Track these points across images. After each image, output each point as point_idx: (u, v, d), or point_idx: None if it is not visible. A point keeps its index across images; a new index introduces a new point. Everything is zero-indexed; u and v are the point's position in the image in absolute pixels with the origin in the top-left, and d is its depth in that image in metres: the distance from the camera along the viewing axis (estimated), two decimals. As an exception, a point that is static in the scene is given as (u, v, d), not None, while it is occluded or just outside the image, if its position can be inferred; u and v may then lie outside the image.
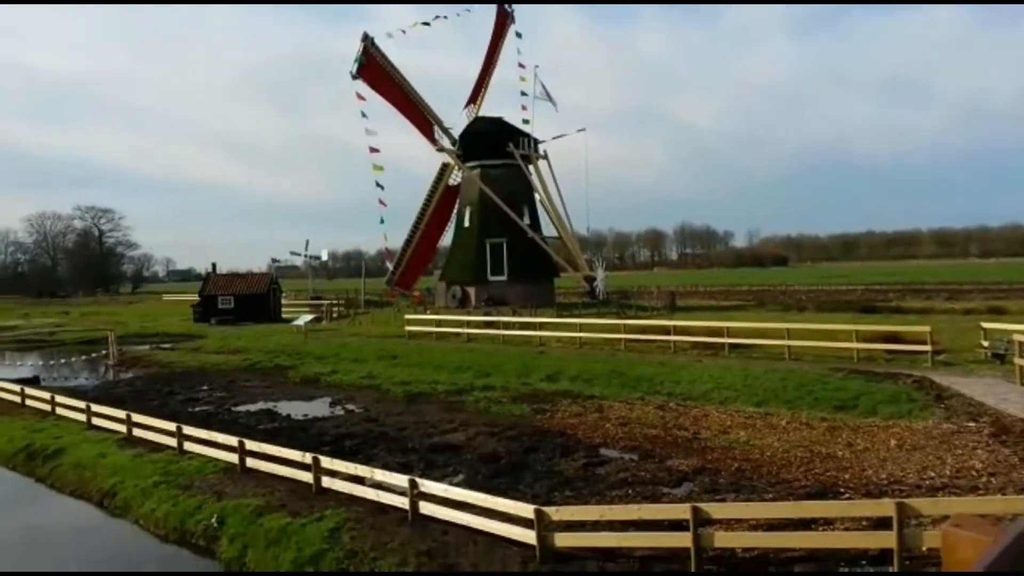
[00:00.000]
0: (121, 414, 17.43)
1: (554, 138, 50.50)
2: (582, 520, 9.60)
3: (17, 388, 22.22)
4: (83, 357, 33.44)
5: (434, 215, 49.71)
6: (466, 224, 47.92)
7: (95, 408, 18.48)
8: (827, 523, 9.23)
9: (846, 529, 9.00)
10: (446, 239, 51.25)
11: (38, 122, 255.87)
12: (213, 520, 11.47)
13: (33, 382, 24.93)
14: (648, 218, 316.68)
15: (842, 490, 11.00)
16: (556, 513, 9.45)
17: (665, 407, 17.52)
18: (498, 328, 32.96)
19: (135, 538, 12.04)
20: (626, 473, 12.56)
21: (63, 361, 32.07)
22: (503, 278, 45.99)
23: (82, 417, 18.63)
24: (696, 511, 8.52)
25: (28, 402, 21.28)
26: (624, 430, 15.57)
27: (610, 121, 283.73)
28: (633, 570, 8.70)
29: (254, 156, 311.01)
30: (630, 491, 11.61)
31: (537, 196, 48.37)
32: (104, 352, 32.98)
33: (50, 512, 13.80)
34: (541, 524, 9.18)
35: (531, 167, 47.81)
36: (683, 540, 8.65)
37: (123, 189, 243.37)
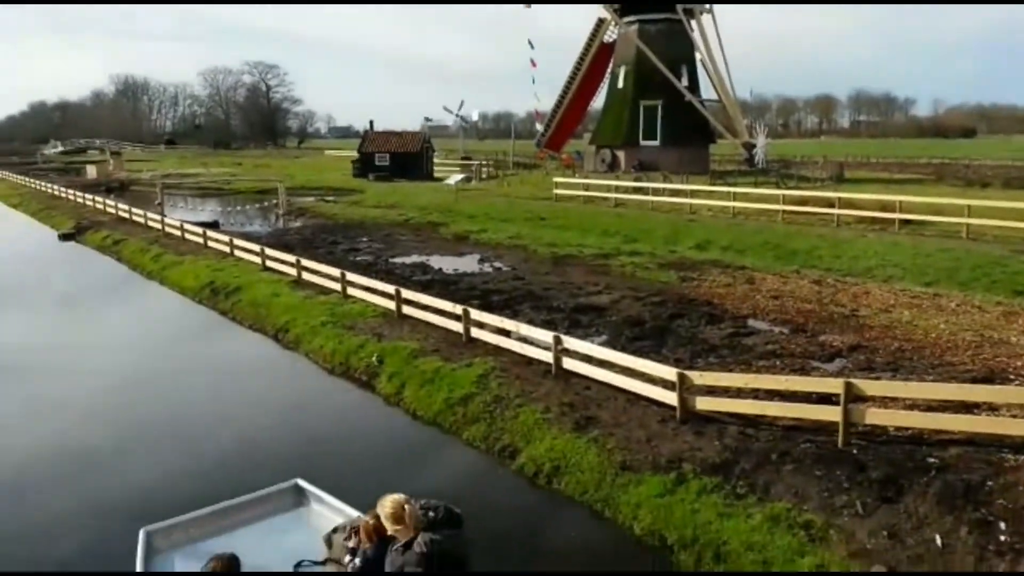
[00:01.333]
0: (292, 259, 18.80)
1: (722, -11, 46.62)
2: (725, 386, 9.59)
3: (200, 231, 24.36)
4: (256, 205, 36.00)
5: (587, 76, 48.23)
6: (619, 85, 46.24)
7: (269, 252, 20.02)
8: (992, 410, 8.73)
9: (1013, 416, 8.47)
10: (598, 101, 49.87)
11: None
12: (374, 359, 12.39)
13: (213, 226, 27.18)
14: (819, 83, 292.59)
15: (1012, 377, 10.30)
16: (699, 377, 9.47)
17: (822, 282, 16.79)
18: (647, 194, 32.31)
19: (306, 368, 13.26)
20: (775, 345, 12.29)
21: (238, 208, 34.66)
22: (655, 143, 44.51)
23: (257, 260, 20.26)
24: (849, 386, 8.25)
25: (210, 244, 23.33)
26: (775, 303, 15.12)
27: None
28: (776, 438, 8.66)
29: (412, 14, 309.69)
30: (778, 363, 11.40)
31: (698, 56, 45.53)
32: (274, 202, 35.25)
33: (236, 342, 15.34)
34: (683, 387, 9.25)
35: (694, 23, 44.77)
36: (831, 414, 8.47)
37: (287, 47, 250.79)
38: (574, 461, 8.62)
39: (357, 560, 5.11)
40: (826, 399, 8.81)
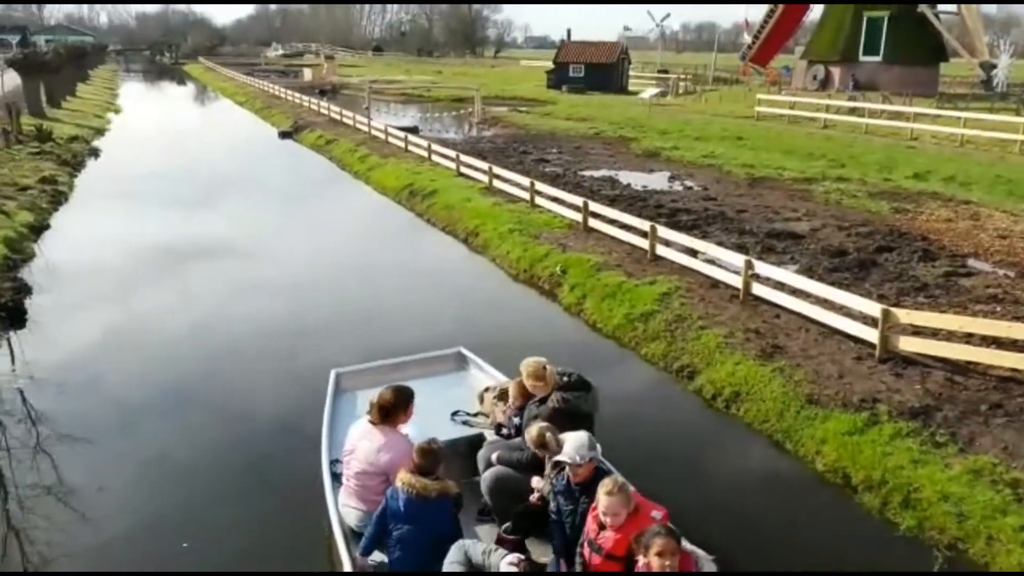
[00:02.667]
0: (484, 166, 19.23)
1: None
2: (935, 328, 8.81)
3: (402, 135, 25.44)
4: (452, 113, 36.93)
5: (806, -18, 44.28)
6: (842, -6, 42.14)
7: (463, 158, 20.59)
8: None
9: None
10: (815, 12, 45.83)
11: None
12: (557, 268, 12.53)
13: (413, 131, 28.26)
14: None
15: None
16: (906, 315, 8.75)
17: (1062, 224, 14.81)
18: (863, 116, 29.68)
19: (492, 272, 13.68)
20: (997, 289, 11.06)
21: (436, 115, 35.74)
22: (876, 59, 40.51)
23: (452, 165, 20.92)
24: (1086, 341, 7.31)
25: (410, 148, 24.35)
26: (1003, 243, 13.55)
27: None
28: (988, 388, 7.89)
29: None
30: (998, 308, 10.27)
31: (938, -40, 40.38)
32: (470, 110, 36.00)
33: (429, 242, 16.08)
34: (886, 324, 8.60)
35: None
36: (1059, 369, 7.57)
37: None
38: (756, 389, 8.35)
39: (516, 420, 5.95)
40: (1055, 352, 7.87)
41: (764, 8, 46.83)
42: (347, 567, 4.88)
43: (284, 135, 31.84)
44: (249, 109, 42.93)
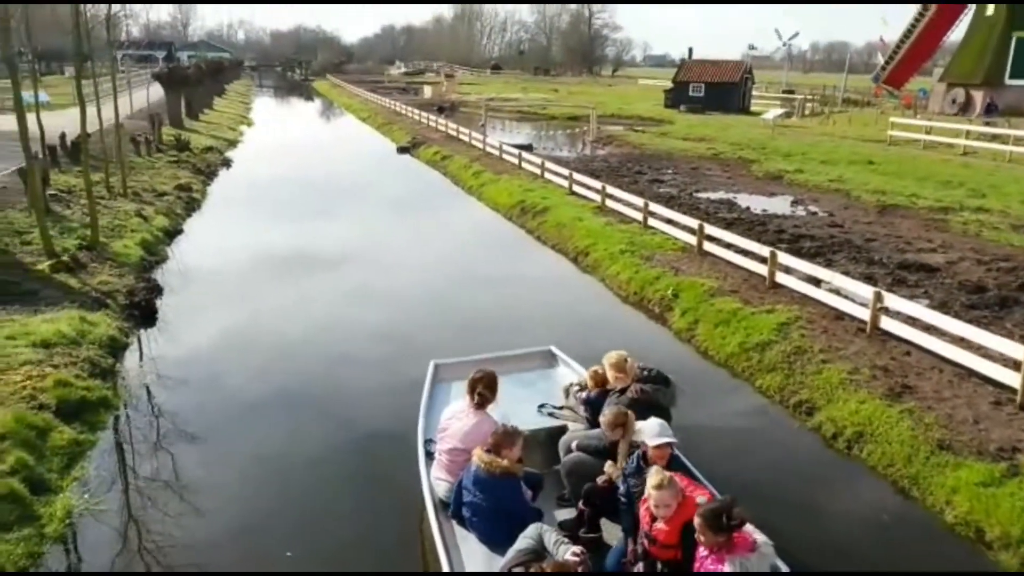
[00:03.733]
0: (597, 185, 19.06)
1: None
2: (1090, 377, 7.96)
3: (516, 152, 25.63)
4: (567, 131, 36.97)
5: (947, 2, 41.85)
6: (988, 12, 39.64)
7: (576, 177, 20.49)
8: None
9: None
10: (956, 32, 43.26)
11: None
12: (669, 292, 12.17)
13: (527, 148, 28.44)
14: None
15: None
16: (1055, 360, 7.95)
17: None
18: (1007, 143, 27.65)
19: (601, 292, 13.47)
20: None
21: (550, 133, 35.86)
22: (1024, 83, 37.76)
23: (565, 183, 20.86)
24: None
25: (523, 165, 24.48)
26: None
27: None
28: None
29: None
30: None
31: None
32: (584, 128, 35.92)
33: (538, 259, 16.02)
34: (1032, 369, 7.85)
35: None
36: None
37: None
38: (882, 431, 7.76)
39: (582, 395, 6.63)
40: None
41: (901, 28, 44.62)
42: (435, 531, 5.41)
43: (402, 150, 32.74)
44: (371, 124, 44.44)
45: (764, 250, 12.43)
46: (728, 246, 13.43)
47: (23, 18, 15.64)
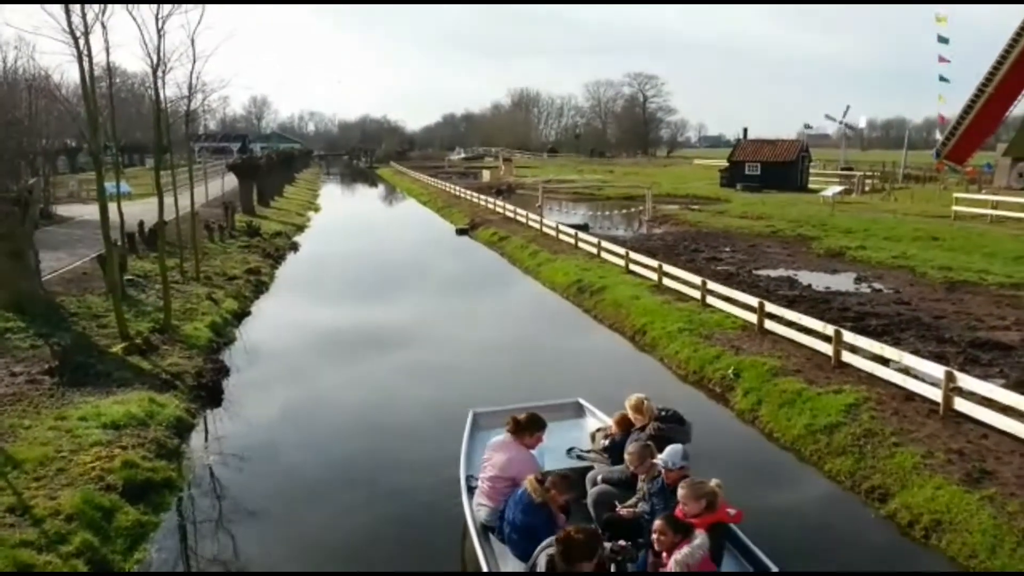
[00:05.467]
0: (654, 263, 19.05)
1: None
2: None
3: (572, 232, 25.90)
4: (622, 211, 37.23)
5: (1010, 75, 41.26)
6: (1051, 86, 38.96)
7: (632, 255, 20.54)
8: None
9: None
10: (1019, 107, 42.56)
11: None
12: (730, 371, 11.95)
13: (583, 228, 28.70)
14: None
15: None
16: None
17: None
18: (1082, 216, 26.78)
19: (659, 372, 13.30)
20: None
21: (606, 213, 36.16)
22: (1096, 155, 36.73)
23: (621, 262, 20.91)
24: None
25: (580, 244, 24.68)
26: None
27: None
28: None
29: (796, 8, 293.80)
30: None
31: None
32: (640, 208, 36.16)
33: (596, 338, 15.97)
34: (1123, 454, 7.40)
35: None
36: None
37: (667, 54, 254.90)
38: (961, 519, 7.36)
39: (606, 442, 7.50)
40: None
41: (961, 103, 44.17)
42: (477, 548, 6.24)
43: (461, 232, 33.42)
44: (431, 208, 45.59)
45: (828, 328, 12.15)
46: (790, 324, 13.18)
47: (109, 116, 16.75)
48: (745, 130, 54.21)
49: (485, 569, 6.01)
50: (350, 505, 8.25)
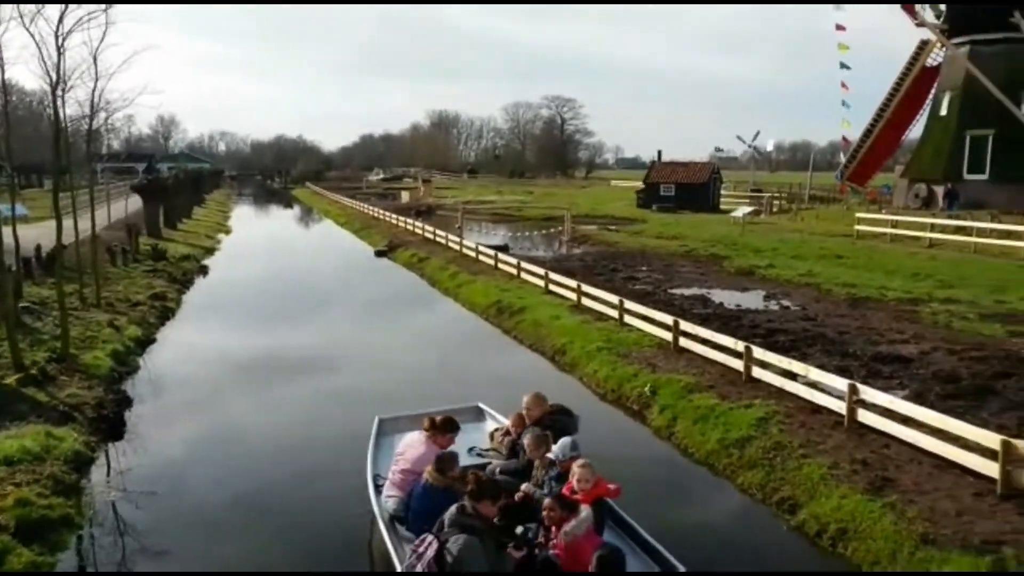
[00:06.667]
0: (573, 283, 19.26)
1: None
2: (1067, 465, 7.93)
3: (492, 253, 25.97)
4: (542, 232, 37.64)
5: (903, 102, 43.79)
6: (942, 112, 41.53)
7: (552, 276, 20.72)
8: None
9: None
10: (914, 131, 45.17)
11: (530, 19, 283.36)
12: (647, 389, 12.14)
13: (503, 249, 28.83)
14: None
15: None
16: (1032, 449, 7.94)
17: None
18: (971, 235, 28.51)
19: (579, 391, 13.34)
20: None
21: (526, 234, 36.49)
22: (982, 177, 39.25)
23: (541, 283, 21.07)
24: None
25: (500, 265, 24.75)
26: None
27: None
28: None
29: (707, 37, 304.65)
30: None
31: (1046, 79, 39.29)
32: (559, 228, 36.61)
33: (515, 359, 15.98)
34: (1007, 457, 7.83)
35: (1039, 41, 38.80)
36: None
37: (586, 79, 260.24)
38: (865, 526, 7.63)
39: (506, 440, 8.16)
40: None
41: (861, 126, 46.56)
42: (386, 538, 6.71)
43: (380, 253, 33.08)
44: (349, 230, 45.01)
45: (739, 345, 12.50)
46: (704, 341, 13.50)
47: (5, 135, 15.90)
48: (659, 152, 55.93)
49: (394, 557, 6.40)
50: (261, 539, 7.93)
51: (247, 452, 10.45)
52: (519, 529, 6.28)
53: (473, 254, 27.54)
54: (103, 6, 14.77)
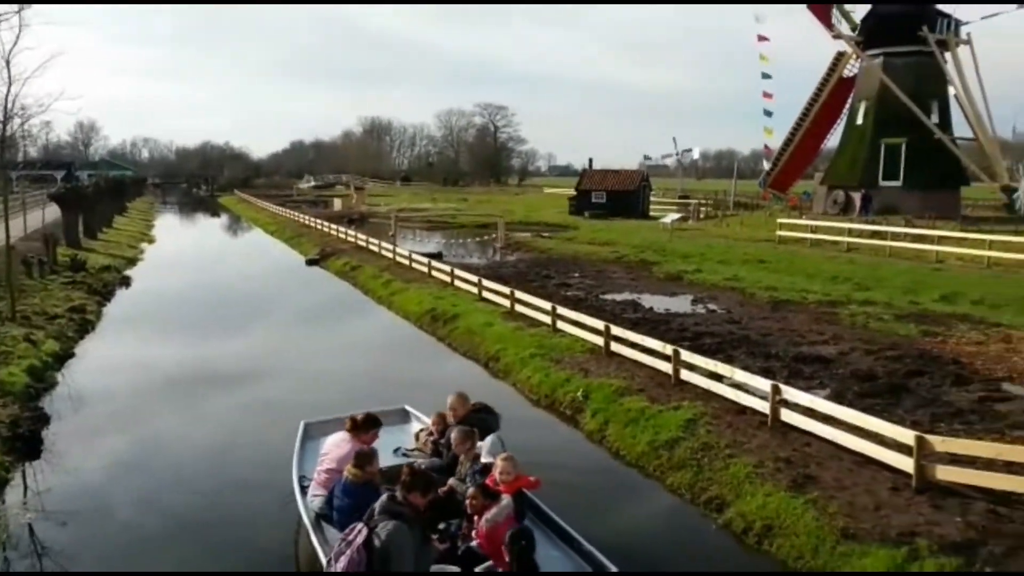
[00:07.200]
0: (506, 290, 19.35)
1: (983, 18, 41.99)
2: (972, 456, 8.38)
3: (426, 261, 25.88)
4: (476, 239, 37.68)
5: (822, 111, 45.64)
6: (858, 122, 43.36)
7: (485, 283, 20.77)
8: None
9: None
10: (832, 139, 47.02)
11: (454, 26, 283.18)
12: (579, 394, 12.30)
13: (437, 257, 28.77)
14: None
15: None
16: (941, 443, 8.35)
17: (1099, 346, 14.40)
18: (886, 239, 29.80)
19: (513, 397, 13.42)
20: (1036, 415, 10.64)
21: (460, 241, 36.48)
22: (897, 184, 41.13)
23: (474, 290, 21.10)
24: None
25: (434, 273, 24.68)
26: (1038, 366, 13.15)
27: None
28: (1036, 523, 7.41)
29: (636, 48, 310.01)
30: (1040, 435, 9.83)
31: (951, 90, 41.51)
32: (493, 236, 36.73)
33: (449, 366, 15.95)
34: (921, 452, 8.23)
35: (947, 55, 40.93)
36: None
37: (516, 87, 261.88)
38: (789, 522, 7.91)
39: (431, 439, 8.48)
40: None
41: (783, 136, 48.20)
42: (312, 536, 6.94)
43: (311, 262, 32.58)
44: (279, 238, 44.18)
45: (668, 348, 12.77)
46: (634, 346, 13.75)
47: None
48: (591, 160, 56.43)
49: (320, 555, 6.51)
50: (189, 551, 7.75)
51: (173, 465, 10.15)
52: (441, 525, 6.63)
53: (407, 262, 27.39)
54: (15, 7, 14.21)
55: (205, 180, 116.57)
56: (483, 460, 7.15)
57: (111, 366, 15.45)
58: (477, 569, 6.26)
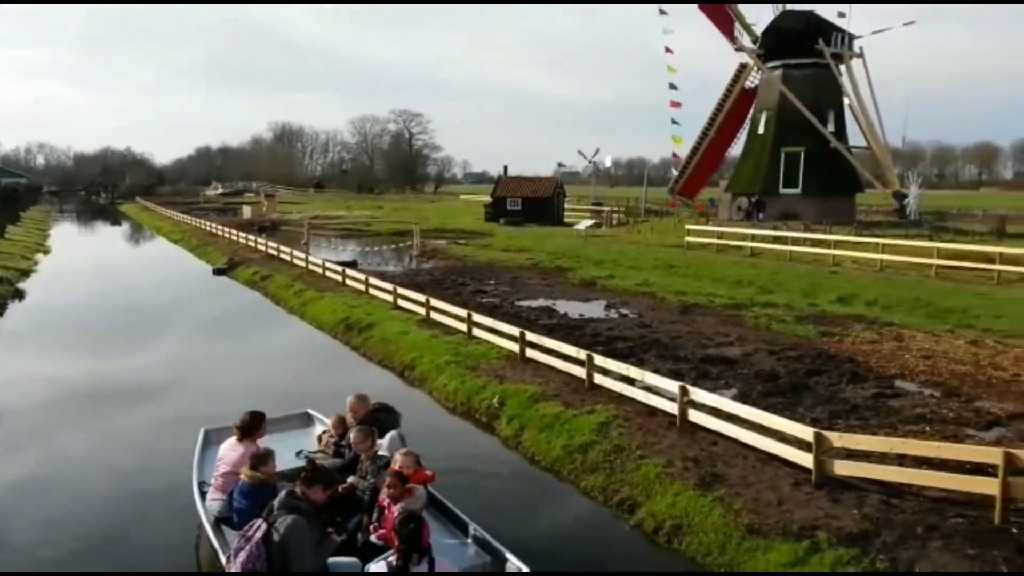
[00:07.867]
0: (421, 298, 19.25)
1: (874, 33, 44.43)
2: (867, 450, 8.84)
3: (340, 269, 25.47)
4: (392, 247, 37.36)
5: (726, 121, 47.28)
6: (760, 131, 45.12)
7: (400, 291, 20.60)
8: None
9: None
10: (736, 148, 48.78)
11: (367, 31, 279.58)
12: (495, 400, 12.34)
13: (352, 265, 28.36)
14: (979, 131, 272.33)
15: None
16: (838, 439, 8.77)
17: (979, 343, 15.40)
18: (786, 244, 31.07)
19: (428, 406, 13.37)
20: (924, 409, 11.29)
21: (375, 249, 36.09)
22: (796, 191, 42.98)
23: (389, 298, 20.89)
24: (1009, 457, 7.41)
25: (348, 282, 24.32)
26: (926, 363, 13.96)
27: (950, 8, 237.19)
28: (922, 510, 7.86)
29: (548, 58, 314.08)
30: (927, 428, 10.44)
31: (846, 101, 43.78)
32: (409, 243, 36.48)
33: (363, 376, 15.69)
34: (820, 448, 8.61)
35: (842, 67, 43.11)
36: (988, 486, 7.62)
37: (430, 95, 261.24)
38: (697, 520, 8.15)
39: (332, 440, 8.58)
40: (982, 470, 7.94)
41: (690, 144, 49.66)
42: (212, 538, 7.01)
43: (219, 272, 31.58)
44: (184, 247, 42.69)
45: (581, 353, 12.94)
46: (549, 351, 13.88)
47: None
48: (506, 167, 56.74)
49: (220, 556, 6.57)
50: (96, 567, 7.47)
51: (75, 483, 9.68)
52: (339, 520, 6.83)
53: (320, 271, 26.90)
54: None
55: (105, 187, 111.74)
56: (381, 453, 7.45)
57: (3, 385, 14.57)
58: (376, 559, 6.24)
